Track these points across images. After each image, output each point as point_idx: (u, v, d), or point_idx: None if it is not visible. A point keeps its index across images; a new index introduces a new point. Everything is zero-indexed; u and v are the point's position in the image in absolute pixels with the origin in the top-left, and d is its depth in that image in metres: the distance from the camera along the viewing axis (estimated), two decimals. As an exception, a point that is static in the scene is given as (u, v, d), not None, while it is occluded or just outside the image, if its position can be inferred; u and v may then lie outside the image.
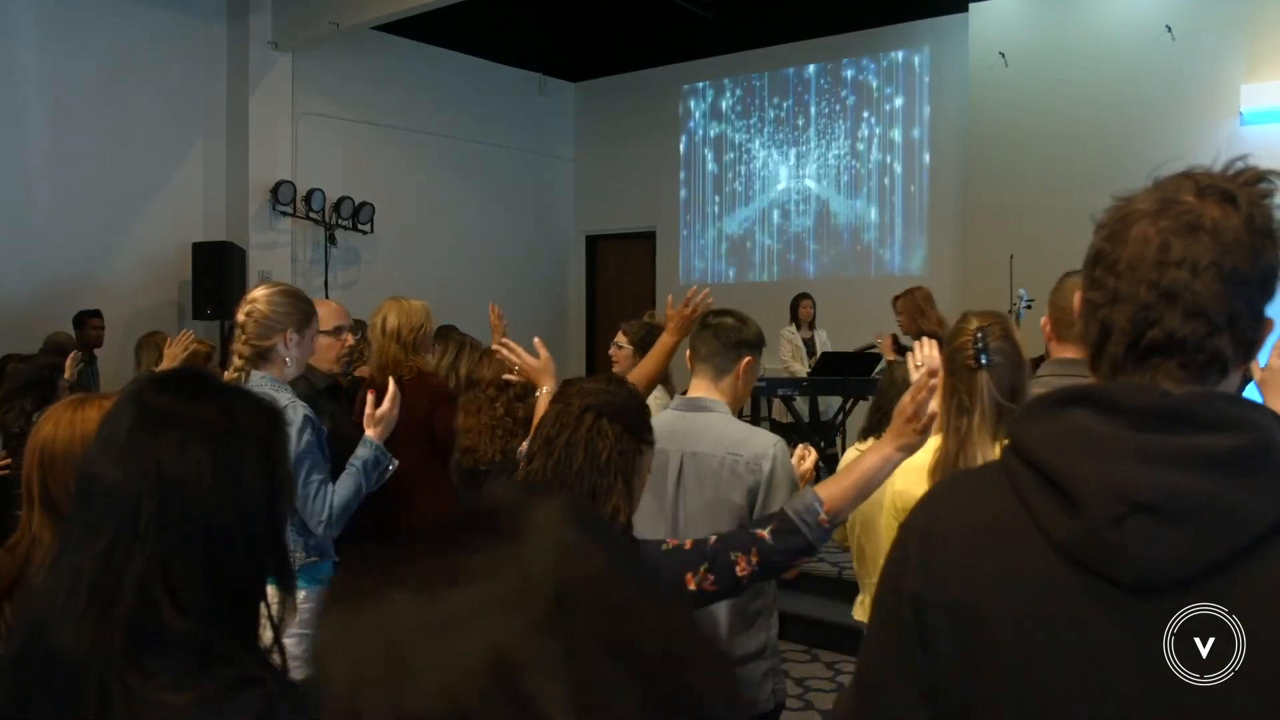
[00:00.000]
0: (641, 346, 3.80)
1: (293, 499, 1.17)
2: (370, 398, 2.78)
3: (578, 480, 1.71)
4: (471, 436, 3.39)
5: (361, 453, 2.68)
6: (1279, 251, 0.91)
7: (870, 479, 1.82)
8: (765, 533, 1.74)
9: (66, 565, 0.97)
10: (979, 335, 2.06)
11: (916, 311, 6.20)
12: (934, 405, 1.81)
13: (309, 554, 2.65)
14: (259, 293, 2.63)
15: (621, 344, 3.87)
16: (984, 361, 2.04)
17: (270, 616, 1.04)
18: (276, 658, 1.04)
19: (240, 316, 2.61)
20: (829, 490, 1.80)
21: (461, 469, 3.45)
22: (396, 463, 2.76)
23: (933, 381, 1.80)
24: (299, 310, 2.62)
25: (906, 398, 1.81)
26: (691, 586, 1.71)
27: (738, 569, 1.72)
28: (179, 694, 0.92)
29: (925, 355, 2.20)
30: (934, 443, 2.19)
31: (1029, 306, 6.14)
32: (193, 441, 0.99)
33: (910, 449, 1.83)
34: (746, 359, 2.49)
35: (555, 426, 1.76)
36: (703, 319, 2.57)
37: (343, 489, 2.63)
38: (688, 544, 1.76)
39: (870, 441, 3.01)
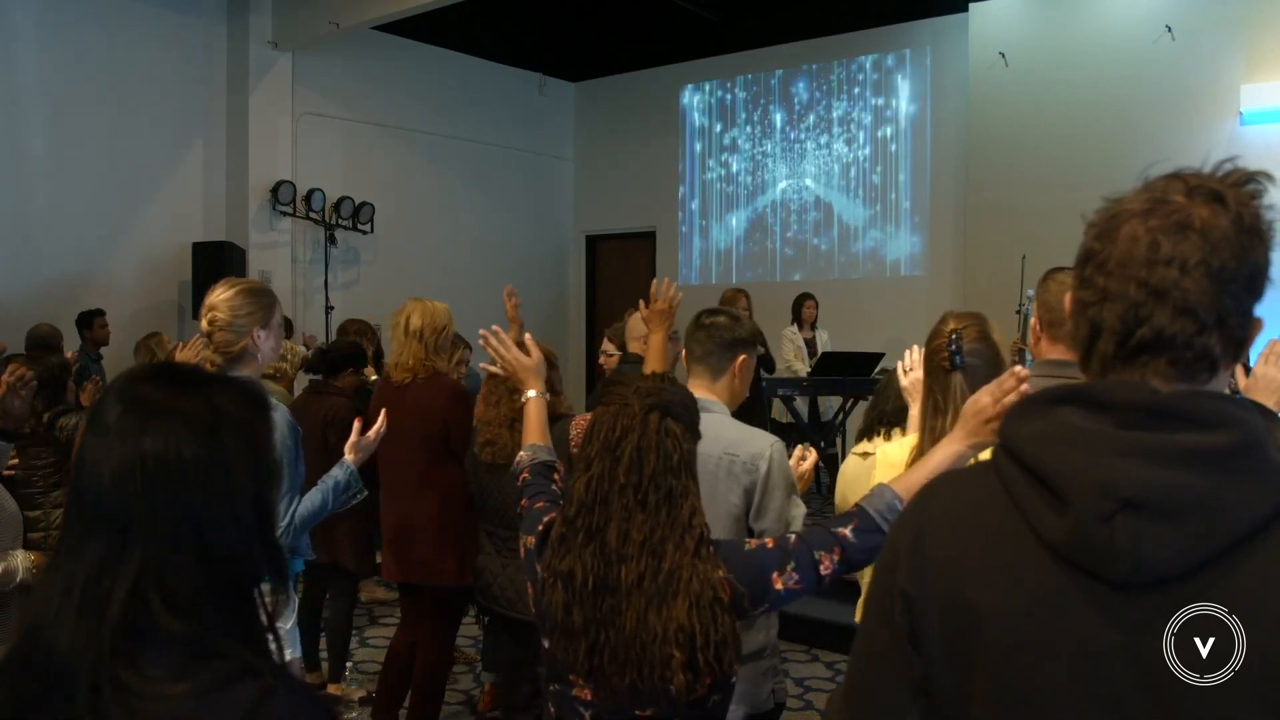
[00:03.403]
0: (628, 348, 3.80)
1: (280, 486, 1.18)
2: (357, 425, 2.80)
3: (652, 485, 1.67)
4: (491, 429, 3.36)
5: (335, 473, 2.70)
6: (1267, 251, 0.92)
7: None
8: (847, 531, 1.76)
9: (62, 570, 0.97)
10: (954, 337, 2.06)
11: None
12: None
13: None
14: (217, 298, 2.58)
15: (610, 351, 3.87)
16: (958, 363, 2.04)
17: (264, 607, 1.04)
18: (273, 647, 1.04)
19: (204, 325, 2.58)
20: (904, 485, 1.82)
21: (479, 462, 3.43)
22: (365, 492, 2.78)
23: (1023, 387, 1.76)
24: (260, 306, 2.59)
25: (986, 398, 1.75)
26: (778, 586, 1.72)
27: (822, 567, 1.73)
28: (175, 685, 0.93)
29: (913, 361, 2.19)
30: (910, 441, 2.20)
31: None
32: (179, 436, 0.99)
33: (981, 446, 1.82)
34: (741, 357, 2.49)
35: (615, 430, 1.70)
36: (696, 319, 2.56)
37: (308, 502, 2.62)
38: (769, 543, 1.77)
39: (874, 442, 3.01)
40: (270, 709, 0.94)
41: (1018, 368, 1.86)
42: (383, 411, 2.89)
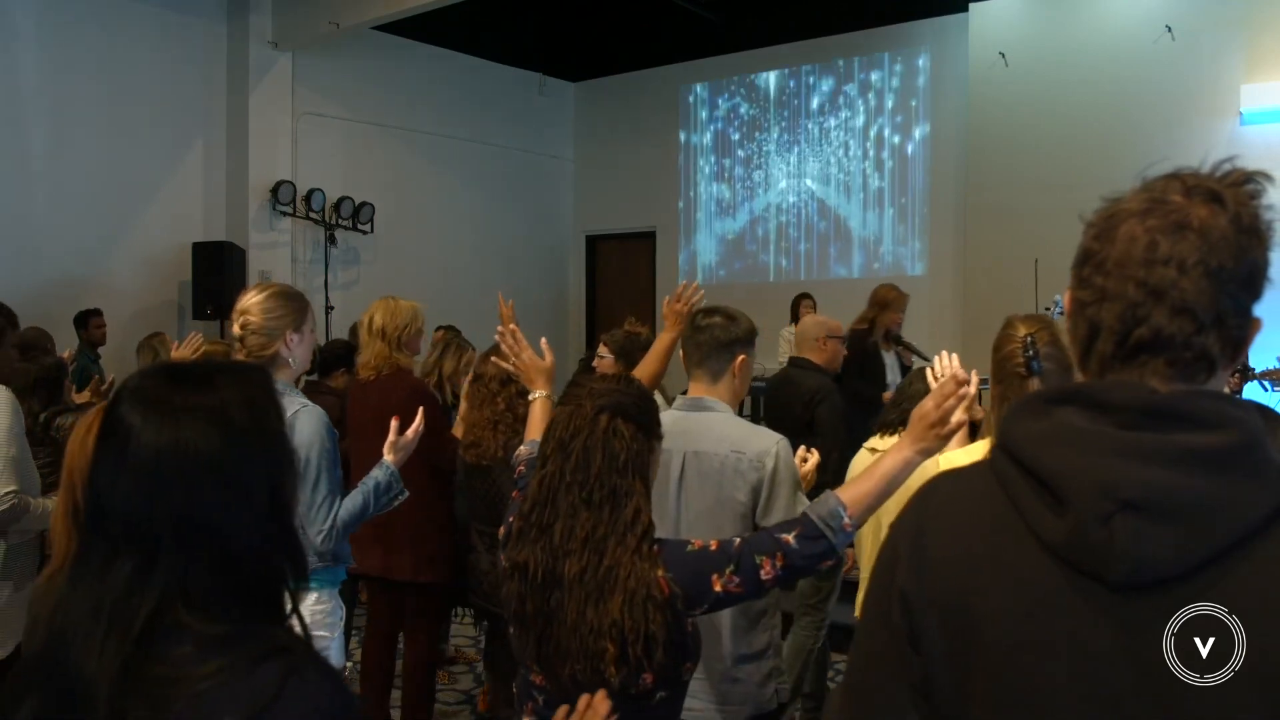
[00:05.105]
0: (622, 354, 3.79)
1: (296, 474, 1.16)
2: (395, 424, 2.75)
3: (598, 484, 1.72)
4: (476, 431, 3.41)
5: (376, 474, 2.67)
6: (1265, 250, 0.91)
7: (890, 481, 1.85)
8: (790, 537, 1.77)
9: (87, 588, 0.97)
10: (1029, 341, 2.04)
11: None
12: (960, 415, 1.81)
13: (321, 559, 2.61)
14: (249, 302, 2.57)
15: (604, 355, 3.87)
16: (1035, 369, 2.02)
17: (290, 593, 1.04)
18: (299, 628, 1.04)
19: (236, 329, 2.57)
20: (850, 493, 1.83)
21: (466, 464, 3.45)
22: (407, 494, 2.74)
23: (962, 390, 1.79)
24: (292, 309, 2.58)
25: (930, 403, 1.82)
26: (717, 588, 1.73)
27: (762, 572, 1.74)
28: (205, 664, 0.94)
29: (945, 366, 2.20)
30: (980, 448, 2.18)
31: (1062, 313, 6.13)
32: (191, 436, 0.98)
33: (929, 452, 1.86)
34: (740, 357, 2.49)
35: (569, 429, 1.76)
36: (692, 320, 2.55)
37: (350, 504, 2.61)
38: (713, 545, 1.78)
39: (887, 438, 3.01)
40: (296, 685, 0.95)
41: (953, 370, 1.87)
42: (420, 410, 2.82)
